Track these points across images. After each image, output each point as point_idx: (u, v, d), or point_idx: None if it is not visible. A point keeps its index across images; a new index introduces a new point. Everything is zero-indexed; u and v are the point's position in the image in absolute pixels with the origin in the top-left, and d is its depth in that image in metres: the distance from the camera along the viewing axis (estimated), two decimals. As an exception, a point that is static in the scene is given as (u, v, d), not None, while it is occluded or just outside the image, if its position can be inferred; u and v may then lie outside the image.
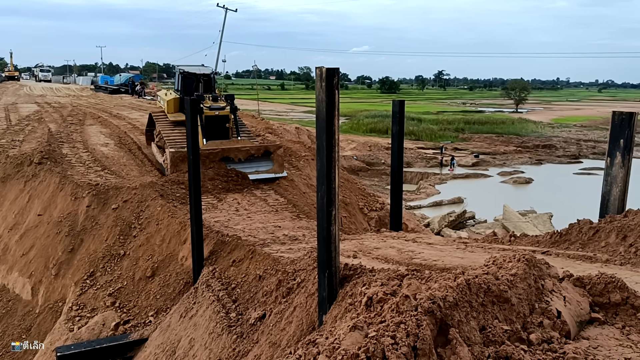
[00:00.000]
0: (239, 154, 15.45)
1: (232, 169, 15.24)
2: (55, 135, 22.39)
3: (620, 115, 8.07)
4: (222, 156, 15.15)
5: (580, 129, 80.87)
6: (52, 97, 48.06)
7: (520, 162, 56.48)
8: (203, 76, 17.80)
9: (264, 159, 15.94)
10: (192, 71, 17.90)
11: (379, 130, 67.07)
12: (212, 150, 15.00)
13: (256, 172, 15.57)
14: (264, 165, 15.87)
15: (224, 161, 15.27)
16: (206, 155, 14.55)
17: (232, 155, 15.35)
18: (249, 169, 15.53)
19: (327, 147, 5.49)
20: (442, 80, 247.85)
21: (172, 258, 11.71)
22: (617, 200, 8.11)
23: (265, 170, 15.74)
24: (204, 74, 17.87)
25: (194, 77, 17.68)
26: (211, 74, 18.25)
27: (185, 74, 17.70)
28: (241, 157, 15.47)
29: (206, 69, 18.44)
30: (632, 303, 4.46)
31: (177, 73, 18.26)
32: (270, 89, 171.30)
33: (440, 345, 3.57)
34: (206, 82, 17.83)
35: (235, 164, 15.38)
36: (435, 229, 29.17)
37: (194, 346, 8.40)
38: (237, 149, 15.50)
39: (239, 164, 15.42)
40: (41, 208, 14.75)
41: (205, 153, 14.39)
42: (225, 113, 16.63)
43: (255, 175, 15.47)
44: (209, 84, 17.92)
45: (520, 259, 4.53)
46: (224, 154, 15.23)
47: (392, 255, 8.13)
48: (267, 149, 16.13)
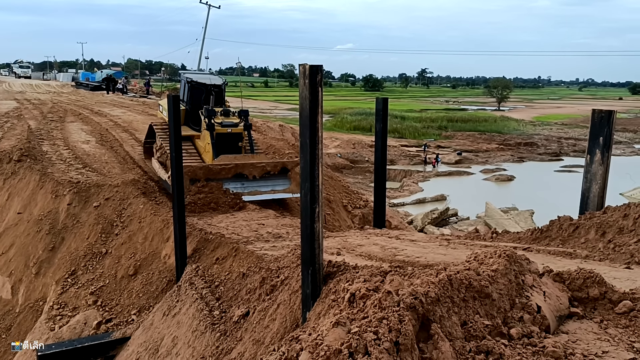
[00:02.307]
0: (253, 170, 13.88)
1: (226, 190, 13.65)
2: (35, 132, 22.07)
3: (600, 114, 8.19)
4: (235, 172, 13.68)
5: (561, 127, 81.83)
6: (32, 93, 47.39)
7: (502, 159, 56.97)
8: (214, 87, 15.62)
9: (280, 177, 14.33)
10: (202, 81, 15.85)
11: (362, 128, 67.17)
12: (224, 166, 13.50)
13: (272, 191, 14.08)
14: (280, 184, 14.28)
15: (237, 178, 13.83)
16: (218, 171, 13.40)
17: (246, 171, 13.82)
18: (264, 188, 13.99)
19: (310, 145, 5.50)
20: (425, 78, 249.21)
21: (155, 256, 11.64)
22: (597, 197, 8.23)
23: (282, 190, 14.18)
24: (214, 85, 15.69)
25: (203, 87, 15.61)
26: (222, 84, 16.04)
27: (193, 83, 15.62)
28: (256, 174, 13.90)
29: (217, 79, 16.39)
30: (610, 298, 4.53)
31: (184, 82, 16.20)
32: (253, 86, 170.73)
33: (422, 340, 3.60)
34: (217, 93, 15.68)
35: (250, 182, 13.86)
36: (418, 226, 29.33)
37: (177, 344, 8.36)
38: (252, 165, 13.94)
39: (253, 182, 13.90)
40: (21, 206, 14.55)
41: (217, 169, 13.37)
42: (239, 130, 14.99)
43: (271, 195, 14.06)
44: (220, 96, 15.82)
45: (501, 255, 4.58)
46: (237, 170, 13.72)
47: (376, 252, 8.17)
48: (285, 165, 14.41)
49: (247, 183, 13.87)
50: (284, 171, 14.35)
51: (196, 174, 13.08)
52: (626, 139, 72.40)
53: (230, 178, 13.69)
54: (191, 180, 12.97)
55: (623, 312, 4.37)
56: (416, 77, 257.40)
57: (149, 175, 15.94)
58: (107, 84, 52.72)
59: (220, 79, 16.53)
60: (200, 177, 13.16)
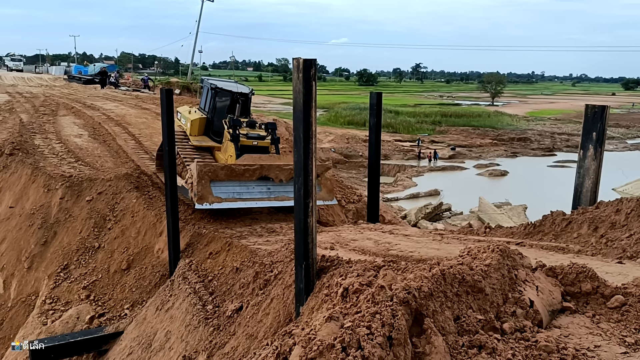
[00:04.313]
0: (280, 173, 12.34)
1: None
2: (27, 126, 21.91)
3: (593, 109, 8.22)
4: (260, 175, 12.13)
5: (554, 122, 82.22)
6: (24, 86, 46.96)
7: (495, 154, 57.19)
8: (240, 95, 14.42)
9: None
10: (227, 88, 14.67)
11: (356, 123, 67.28)
12: (248, 167, 12.04)
13: None
14: None
15: (262, 181, 12.32)
16: (241, 173, 11.98)
17: (272, 174, 12.32)
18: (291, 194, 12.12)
19: (304, 139, 5.48)
20: (419, 73, 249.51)
21: (148, 250, 11.61)
22: (589, 192, 8.27)
23: None
24: (241, 93, 14.50)
25: (228, 95, 14.41)
26: (249, 93, 14.87)
27: (218, 90, 14.32)
28: (283, 178, 12.33)
29: (243, 87, 15.14)
30: (602, 292, 4.55)
31: (207, 88, 14.92)
32: (247, 80, 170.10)
33: (415, 334, 3.60)
34: (243, 103, 14.51)
35: (276, 186, 12.37)
36: (411, 221, 29.41)
37: (170, 339, 8.35)
38: (279, 167, 12.37)
39: (279, 186, 12.40)
40: (13, 200, 14.46)
41: (240, 170, 11.93)
42: (266, 144, 13.55)
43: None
44: (245, 106, 14.64)
45: (494, 249, 4.59)
46: (262, 172, 12.21)
47: (369, 246, 8.18)
48: None
49: (273, 187, 12.40)
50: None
51: (217, 175, 11.64)
52: (619, 134, 72.85)
53: (255, 181, 12.19)
54: (212, 181, 11.63)
55: (615, 307, 4.39)
56: (410, 72, 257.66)
57: (142, 170, 15.86)
58: (101, 78, 51.87)
59: (247, 87, 15.35)
60: (222, 178, 11.76)
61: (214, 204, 11.34)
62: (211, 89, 14.42)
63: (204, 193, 11.26)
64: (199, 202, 11.18)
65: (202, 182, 11.38)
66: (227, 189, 11.71)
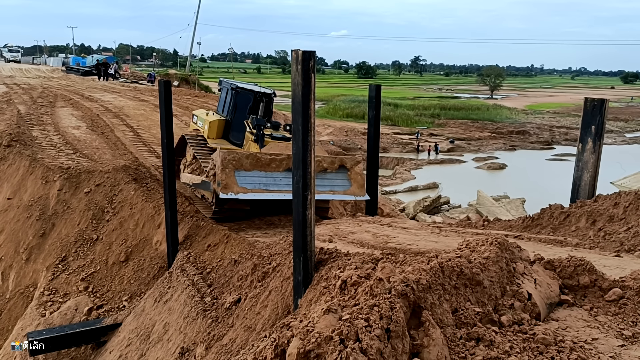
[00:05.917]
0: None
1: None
2: (25, 117, 21.87)
3: (592, 102, 8.21)
4: (287, 166, 11.04)
5: (553, 115, 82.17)
6: (22, 78, 46.83)
7: (494, 148, 57.15)
8: (264, 96, 13.80)
9: (339, 176, 11.84)
10: (249, 88, 14.14)
11: (355, 115, 67.11)
12: (274, 157, 11.13)
13: (331, 191, 11.73)
14: (339, 184, 11.78)
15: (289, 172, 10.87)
16: (267, 163, 11.05)
17: None
18: (321, 187, 11.34)
19: (302, 131, 5.46)
20: (418, 65, 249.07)
21: (146, 242, 11.61)
22: (588, 186, 8.28)
23: (342, 192, 11.75)
24: (264, 93, 13.88)
25: (250, 95, 13.77)
26: (272, 93, 14.26)
27: (239, 90, 13.68)
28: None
29: (265, 88, 14.50)
30: (600, 285, 4.56)
31: (226, 89, 14.16)
32: (246, 72, 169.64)
33: (413, 327, 3.61)
34: (267, 103, 13.87)
35: None
36: (410, 214, 29.43)
37: (169, 330, 8.37)
38: None
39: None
40: (11, 192, 14.44)
41: (266, 159, 10.99)
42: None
43: (330, 196, 11.83)
44: (267, 108, 13.98)
45: (492, 242, 4.59)
46: (289, 163, 10.96)
47: (368, 239, 8.18)
48: (343, 163, 11.92)
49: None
50: (342, 169, 11.96)
51: (242, 164, 10.75)
52: (618, 127, 72.85)
53: (282, 172, 11.20)
54: (236, 170, 10.75)
55: (613, 300, 4.40)
56: (409, 65, 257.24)
57: (140, 162, 15.83)
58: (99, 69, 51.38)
59: (268, 89, 14.68)
60: (246, 167, 10.87)
61: (240, 194, 10.45)
62: (232, 89, 13.77)
63: (228, 182, 10.39)
64: (223, 191, 10.31)
65: (226, 171, 10.54)
66: (253, 179, 10.76)
